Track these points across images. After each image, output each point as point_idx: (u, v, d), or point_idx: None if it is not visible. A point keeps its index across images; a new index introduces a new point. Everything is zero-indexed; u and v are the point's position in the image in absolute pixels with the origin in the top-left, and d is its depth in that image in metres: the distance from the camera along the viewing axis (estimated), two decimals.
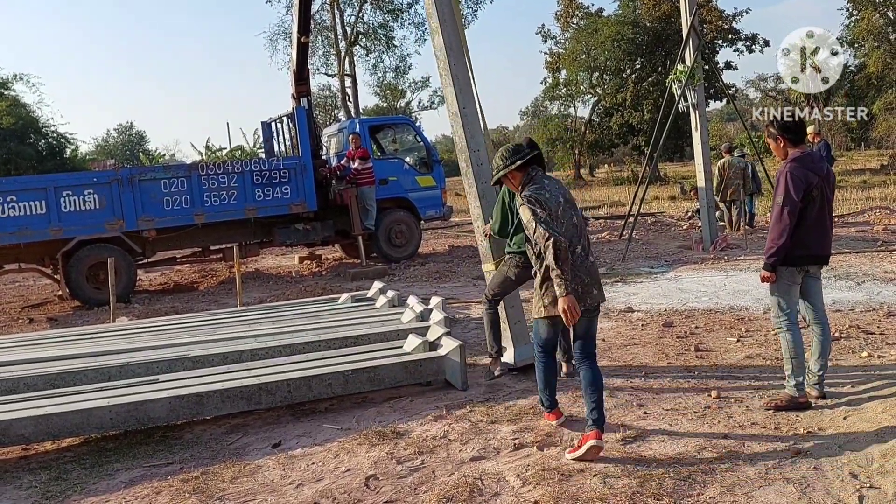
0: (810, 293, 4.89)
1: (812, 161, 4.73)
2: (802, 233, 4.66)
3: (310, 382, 5.26)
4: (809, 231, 4.67)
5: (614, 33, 37.08)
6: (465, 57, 6.60)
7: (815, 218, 4.68)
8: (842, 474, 3.71)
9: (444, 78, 6.51)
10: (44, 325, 10.18)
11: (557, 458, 4.20)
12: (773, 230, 4.71)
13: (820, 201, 4.68)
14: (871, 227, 13.44)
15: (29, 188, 11.10)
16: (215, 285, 13.05)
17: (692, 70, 12.05)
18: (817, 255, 4.76)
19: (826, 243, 4.79)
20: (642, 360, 6.10)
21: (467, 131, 6.40)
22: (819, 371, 4.84)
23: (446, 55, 6.40)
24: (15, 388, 5.43)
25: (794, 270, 4.75)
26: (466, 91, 6.50)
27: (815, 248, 4.73)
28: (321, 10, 37.82)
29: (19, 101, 34.39)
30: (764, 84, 59.44)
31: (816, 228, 4.70)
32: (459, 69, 6.48)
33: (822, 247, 4.76)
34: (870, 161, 39.04)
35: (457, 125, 6.49)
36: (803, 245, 4.68)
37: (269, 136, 15.09)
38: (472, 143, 6.40)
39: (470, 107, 6.50)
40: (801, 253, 4.69)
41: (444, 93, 6.67)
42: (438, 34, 6.44)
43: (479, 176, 6.35)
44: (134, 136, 77.37)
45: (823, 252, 4.79)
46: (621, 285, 9.69)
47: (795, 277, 4.77)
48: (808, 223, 4.66)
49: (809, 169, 4.66)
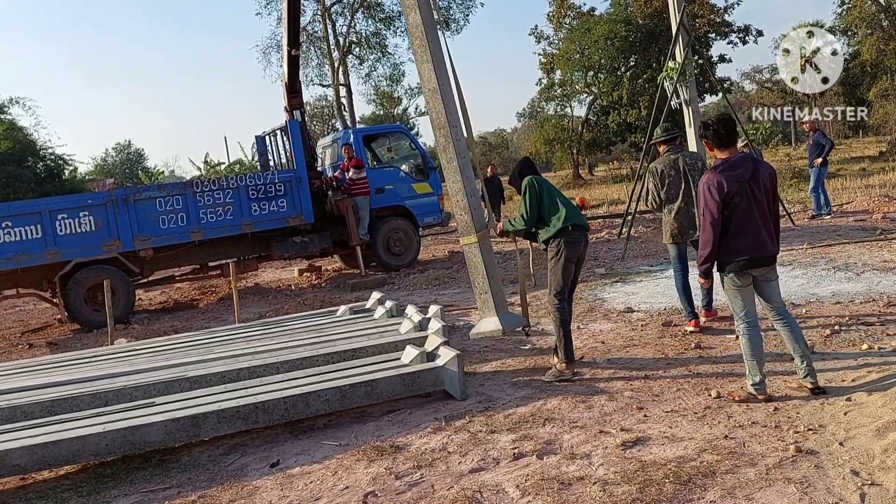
0: (764, 294, 4.88)
1: (732, 167, 4.67)
2: (731, 239, 4.68)
3: (307, 399, 5.22)
4: (738, 237, 4.67)
5: (607, 32, 37.15)
6: (439, 34, 6.62)
7: (744, 222, 4.65)
8: (843, 472, 3.66)
9: (421, 54, 6.53)
10: (43, 349, 10.16)
11: (557, 466, 4.16)
12: (700, 240, 4.81)
13: (746, 205, 4.64)
14: (869, 215, 13.37)
15: (24, 213, 11.09)
16: (215, 302, 13.04)
17: (683, 66, 12.03)
18: (753, 258, 4.71)
19: (762, 245, 4.70)
20: (642, 361, 6.05)
21: (445, 107, 6.42)
22: (803, 363, 4.82)
23: (423, 31, 6.43)
24: (12, 417, 5.41)
25: (735, 276, 4.75)
26: (441, 67, 6.53)
27: (748, 251, 4.68)
28: (313, 21, 37.93)
29: (16, 124, 34.52)
30: (759, 76, 59.40)
31: (748, 233, 4.67)
32: (435, 46, 6.50)
33: (757, 250, 4.70)
34: (868, 148, 38.94)
35: (434, 101, 6.52)
36: (736, 251, 4.68)
37: (264, 149, 15.08)
38: (450, 119, 6.43)
39: (446, 83, 6.52)
40: (735, 259, 4.70)
41: (421, 70, 6.67)
42: (414, 10, 6.47)
43: (458, 151, 6.38)
44: (133, 155, 77.47)
45: (761, 254, 4.72)
46: (620, 285, 9.65)
47: (739, 281, 4.76)
48: (736, 229, 4.66)
49: (728, 176, 4.63)
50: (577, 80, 42.27)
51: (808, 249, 10.44)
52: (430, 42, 6.46)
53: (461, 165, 6.42)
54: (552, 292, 5.90)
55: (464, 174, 6.41)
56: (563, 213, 5.81)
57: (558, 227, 5.80)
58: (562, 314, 5.87)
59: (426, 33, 6.44)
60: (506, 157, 69.73)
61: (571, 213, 5.84)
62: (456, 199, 6.55)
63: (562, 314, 5.87)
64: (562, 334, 5.86)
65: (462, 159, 6.39)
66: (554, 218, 5.85)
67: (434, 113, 6.60)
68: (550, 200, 5.91)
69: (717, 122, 4.79)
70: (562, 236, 5.81)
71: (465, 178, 6.39)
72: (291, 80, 14.12)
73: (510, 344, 7.16)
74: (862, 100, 40.52)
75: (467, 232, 6.39)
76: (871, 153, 34.97)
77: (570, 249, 5.81)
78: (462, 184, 6.40)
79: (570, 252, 5.82)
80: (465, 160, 6.37)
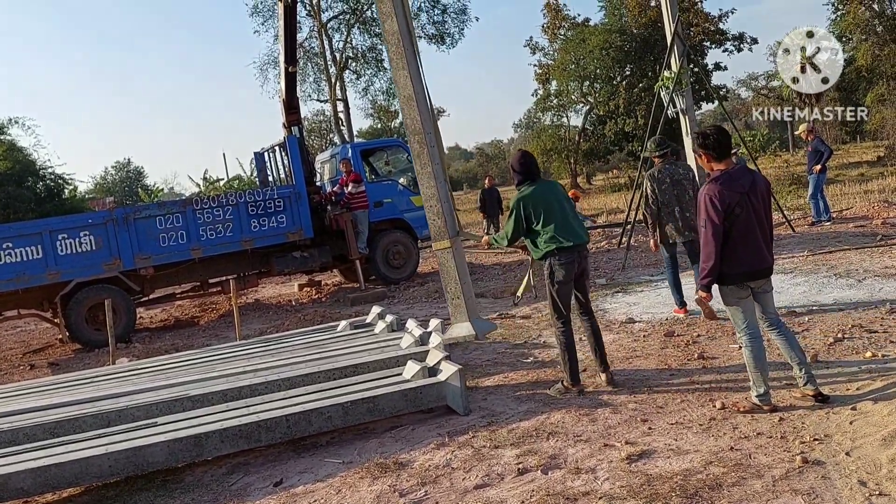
0: (760, 303, 4.89)
1: (732, 178, 4.68)
2: (731, 251, 4.67)
3: (309, 417, 5.20)
4: (739, 249, 4.67)
5: (602, 42, 37.23)
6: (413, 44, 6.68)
7: (745, 234, 4.66)
8: (850, 482, 3.64)
9: (397, 61, 6.59)
10: (45, 370, 10.13)
11: (562, 481, 4.13)
12: (701, 252, 4.77)
13: (746, 216, 4.64)
14: (869, 221, 13.37)
15: (24, 234, 11.09)
16: (216, 319, 13.02)
17: (679, 75, 12.07)
18: (753, 270, 4.72)
19: (761, 257, 4.73)
20: (645, 373, 6.03)
21: (420, 114, 6.48)
22: (801, 371, 4.82)
23: (399, 39, 6.49)
24: (14, 440, 5.38)
25: (735, 288, 4.76)
26: (416, 77, 6.59)
27: (748, 264, 4.70)
28: (309, 38, 38.05)
29: (15, 145, 34.49)
30: (755, 83, 59.59)
31: (748, 244, 4.68)
32: (410, 54, 6.56)
33: (757, 261, 4.72)
34: (866, 153, 39.00)
35: (410, 108, 6.59)
36: (736, 263, 4.69)
37: (263, 165, 15.11)
38: (425, 126, 6.48)
39: (421, 91, 6.58)
40: (736, 271, 4.70)
41: (396, 77, 6.73)
42: (391, 18, 6.54)
43: (432, 157, 6.44)
44: (132, 172, 77.57)
45: (760, 266, 4.74)
46: (622, 295, 9.63)
47: (739, 293, 4.78)
48: (737, 241, 4.66)
49: (728, 188, 4.63)
50: (573, 90, 42.34)
51: (809, 257, 10.43)
52: (406, 50, 6.53)
53: (435, 172, 6.48)
54: (552, 314, 5.82)
55: (437, 180, 6.47)
56: (549, 234, 5.62)
57: (545, 250, 5.66)
58: (564, 337, 5.76)
59: (402, 41, 6.51)
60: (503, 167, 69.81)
61: (560, 235, 5.61)
62: (429, 204, 6.60)
63: (564, 337, 5.76)
64: (566, 357, 5.74)
65: (436, 165, 6.45)
66: (540, 240, 5.68)
67: (409, 119, 6.67)
68: (540, 220, 5.66)
69: (715, 132, 4.80)
70: (549, 258, 5.66)
71: (438, 183, 6.45)
72: (289, 96, 14.17)
73: (512, 357, 7.15)
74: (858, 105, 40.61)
75: (440, 237, 6.43)
76: (870, 158, 35.04)
77: (559, 271, 5.63)
78: (436, 189, 6.48)
79: (561, 274, 5.63)
80: (438, 166, 6.43)
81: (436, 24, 38.04)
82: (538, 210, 5.69)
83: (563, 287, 5.70)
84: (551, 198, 5.76)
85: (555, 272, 5.66)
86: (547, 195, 5.77)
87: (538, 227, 5.69)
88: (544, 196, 5.76)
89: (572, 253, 5.64)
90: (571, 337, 5.80)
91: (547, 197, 5.76)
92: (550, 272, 5.70)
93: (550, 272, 5.70)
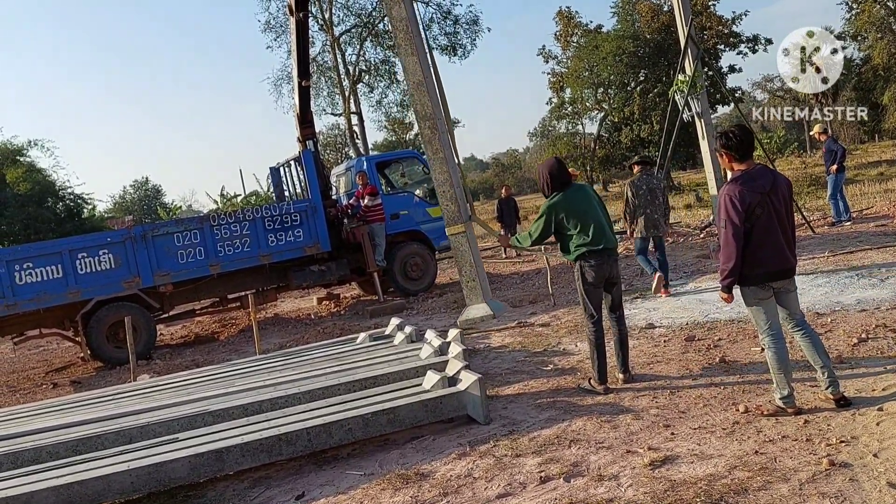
0: (784, 304, 4.82)
1: (752, 178, 4.62)
2: (752, 252, 4.62)
3: (329, 429, 5.19)
4: (760, 249, 4.61)
5: (615, 48, 37.17)
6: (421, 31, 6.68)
7: (765, 234, 4.60)
8: (879, 484, 3.58)
9: (405, 48, 6.58)
10: (68, 388, 10.21)
11: (585, 489, 4.09)
12: (722, 254, 4.72)
13: (767, 217, 4.59)
14: (890, 220, 13.21)
15: (44, 253, 11.19)
16: (236, 334, 13.07)
17: (693, 79, 12.01)
18: (775, 271, 4.66)
19: (783, 258, 4.67)
20: (667, 378, 5.97)
21: (430, 99, 6.45)
22: (825, 374, 4.74)
23: (407, 25, 6.49)
24: (38, 458, 5.42)
25: (756, 289, 4.70)
26: (425, 62, 6.56)
27: (770, 264, 4.64)
28: (322, 52, 38.30)
29: (35, 166, 34.96)
30: (770, 84, 59.26)
31: (768, 245, 4.62)
32: (418, 40, 6.54)
33: (778, 262, 4.66)
34: (885, 153, 38.59)
35: (420, 93, 6.57)
36: (757, 264, 4.63)
37: (279, 180, 15.17)
38: (436, 111, 6.46)
39: (430, 76, 6.56)
40: (757, 272, 4.65)
41: (405, 63, 6.72)
42: (398, 4, 6.56)
43: (444, 142, 6.41)
44: (150, 191, 78.42)
45: (782, 267, 4.68)
46: (641, 301, 9.56)
47: (761, 294, 4.72)
48: (758, 241, 4.60)
49: (749, 188, 4.58)
50: (587, 97, 42.28)
51: (831, 257, 10.31)
52: (414, 36, 6.52)
53: (447, 156, 6.46)
54: (585, 313, 5.99)
55: (450, 165, 6.45)
56: (580, 239, 5.79)
57: (576, 254, 5.84)
58: (594, 336, 5.92)
59: (409, 27, 6.49)
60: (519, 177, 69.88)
61: (592, 239, 5.77)
62: (442, 189, 6.59)
63: (594, 336, 5.92)
64: (595, 356, 5.91)
65: (447, 150, 6.43)
66: (571, 244, 5.86)
67: (419, 105, 6.67)
68: (572, 224, 5.81)
69: (739, 132, 4.73)
70: (579, 261, 5.85)
71: (450, 168, 6.43)
72: (303, 110, 14.24)
73: (531, 366, 7.11)
74: (876, 104, 40.27)
75: (454, 221, 6.39)
76: (889, 157, 34.66)
77: (589, 274, 5.82)
78: (448, 174, 6.46)
79: (590, 276, 5.82)
80: (450, 151, 6.41)
81: (448, 35, 38.15)
82: (570, 217, 5.83)
83: (592, 289, 5.89)
84: (584, 204, 5.89)
85: (585, 274, 5.85)
86: (579, 202, 5.89)
87: (571, 231, 5.83)
88: (577, 203, 5.88)
89: (602, 256, 5.81)
90: (602, 337, 5.94)
91: (580, 204, 5.88)
92: (580, 274, 5.88)
93: (580, 274, 5.88)
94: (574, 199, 5.86)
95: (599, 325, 5.93)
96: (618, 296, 6.09)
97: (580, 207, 5.84)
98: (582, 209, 5.84)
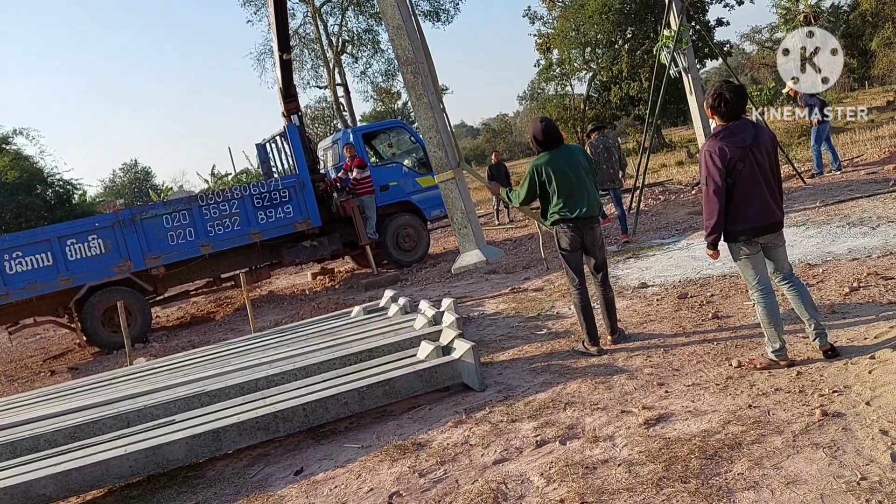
0: (771, 258, 4.79)
1: (732, 133, 4.54)
2: (736, 207, 4.57)
3: (325, 404, 5.20)
4: (743, 204, 4.56)
5: (601, 6, 36.70)
6: None
7: (749, 189, 4.55)
8: (872, 432, 3.59)
9: None
10: (65, 375, 10.21)
11: (580, 450, 4.11)
12: (704, 210, 4.70)
13: (749, 171, 4.52)
14: (881, 167, 13.18)
15: (33, 241, 11.12)
16: (231, 313, 13.06)
17: (679, 34, 11.89)
18: (759, 226, 4.61)
19: (768, 212, 4.61)
20: (660, 337, 5.98)
21: (411, 42, 6.36)
22: (812, 327, 4.73)
23: None
24: (36, 446, 5.42)
25: (743, 244, 4.67)
26: (404, 6, 6.46)
27: (754, 219, 4.59)
28: (304, 24, 37.83)
29: (21, 154, 34.72)
30: (759, 36, 58.70)
31: (752, 199, 4.56)
32: None
33: (764, 216, 4.60)
34: (875, 99, 38.39)
35: (399, 37, 6.51)
36: (742, 219, 4.59)
37: (266, 157, 15.06)
38: (417, 55, 6.37)
39: (409, 19, 6.47)
40: (741, 227, 4.61)
41: (383, 7, 6.62)
42: None
43: (426, 87, 6.33)
44: (140, 173, 77.82)
45: (767, 221, 4.62)
46: (633, 261, 9.56)
47: (747, 249, 4.69)
48: (741, 196, 4.55)
49: (730, 143, 4.50)
50: (574, 58, 41.88)
51: (821, 207, 10.31)
52: None
53: (431, 101, 6.36)
54: (570, 278, 6.03)
55: (434, 110, 6.35)
56: (557, 205, 5.77)
57: (551, 220, 5.90)
58: (579, 300, 5.96)
59: None
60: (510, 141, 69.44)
61: (567, 206, 5.74)
62: (428, 136, 6.53)
63: (579, 300, 5.96)
64: (583, 319, 5.94)
65: (431, 95, 6.34)
66: (550, 207, 5.86)
67: (400, 50, 6.59)
68: (552, 189, 5.75)
69: (733, 96, 4.53)
70: (555, 226, 5.90)
71: (435, 114, 6.33)
72: (286, 84, 14.10)
73: (525, 330, 7.12)
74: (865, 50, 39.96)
75: (442, 168, 6.32)
76: (879, 104, 34.49)
77: (563, 240, 5.87)
78: (434, 120, 6.38)
79: (566, 242, 5.87)
80: (433, 96, 6.32)
81: (430, 0, 37.68)
82: (550, 179, 5.77)
83: (569, 254, 5.94)
84: (566, 167, 5.78)
85: (560, 240, 5.92)
86: (562, 164, 5.78)
87: (552, 195, 5.82)
88: (559, 165, 5.77)
89: (577, 223, 5.79)
90: (587, 300, 5.96)
91: (561, 166, 5.77)
92: (558, 240, 5.95)
93: (558, 240, 5.95)
94: (558, 161, 5.77)
95: (582, 288, 5.95)
96: (601, 258, 6.03)
97: (563, 170, 5.75)
98: (564, 172, 5.74)
